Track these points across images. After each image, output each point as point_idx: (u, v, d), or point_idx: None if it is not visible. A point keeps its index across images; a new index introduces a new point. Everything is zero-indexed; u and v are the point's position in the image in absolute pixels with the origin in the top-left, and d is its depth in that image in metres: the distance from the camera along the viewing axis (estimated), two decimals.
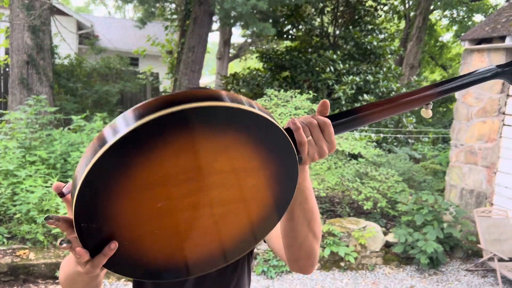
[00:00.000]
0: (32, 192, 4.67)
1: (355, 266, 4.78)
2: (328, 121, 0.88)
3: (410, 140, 10.02)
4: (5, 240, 4.20)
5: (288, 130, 0.85)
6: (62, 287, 1.02)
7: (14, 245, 4.15)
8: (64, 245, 0.71)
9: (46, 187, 4.88)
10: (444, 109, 12.92)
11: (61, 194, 0.78)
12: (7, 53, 8.59)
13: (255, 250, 4.61)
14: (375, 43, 9.55)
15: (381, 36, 10.03)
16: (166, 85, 12.32)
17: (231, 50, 19.80)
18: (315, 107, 5.71)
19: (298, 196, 0.95)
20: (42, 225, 4.40)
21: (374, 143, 7.75)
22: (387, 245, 5.02)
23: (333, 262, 4.77)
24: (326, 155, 0.90)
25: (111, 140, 0.63)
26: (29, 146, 5.86)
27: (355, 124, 0.93)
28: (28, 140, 5.96)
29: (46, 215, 0.72)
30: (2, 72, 9.56)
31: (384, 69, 9.51)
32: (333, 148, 0.90)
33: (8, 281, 3.85)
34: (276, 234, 1.18)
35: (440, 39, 17.41)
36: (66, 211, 1.06)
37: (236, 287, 1.29)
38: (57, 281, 3.89)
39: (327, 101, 0.91)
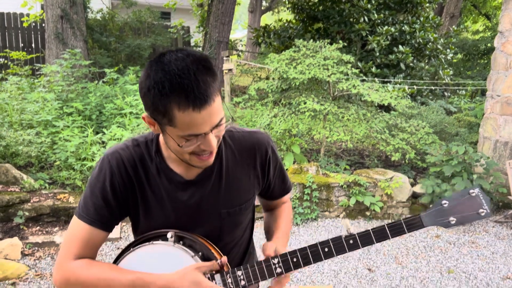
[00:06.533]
0: (70, 141, 4.91)
1: (380, 216, 4.83)
2: None
3: (446, 93, 9.70)
4: (47, 185, 4.48)
5: None
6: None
7: (55, 190, 4.44)
8: None
9: (83, 137, 5.12)
10: (485, 61, 12.31)
11: None
12: (42, 8, 8.76)
13: None
14: None
15: None
16: (197, 38, 12.29)
17: (264, 3, 19.36)
18: (345, 57, 5.60)
19: None
20: (79, 171, 4.66)
21: (408, 96, 7.57)
22: (415, 196, 5.03)
23: (359, 211, 4.84)
24: None
25: None
26: (66, 98, 6.10)
27: None
28: (65, 93, 6.20)
29: None
30: (38, 27, 9.80)
31: (422, 19, 9.10)
32: None
33: (51, 221, 4.15)
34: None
35: None
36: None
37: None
38: None
39: None
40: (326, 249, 1.15)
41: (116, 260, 1.22)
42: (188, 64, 1.01)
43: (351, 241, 1.15)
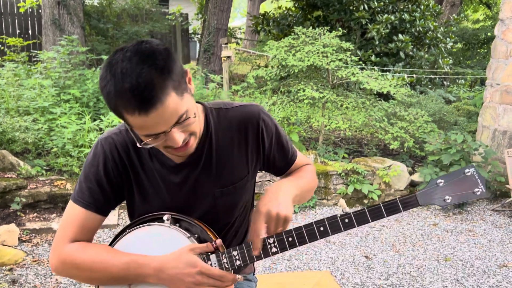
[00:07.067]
0: (67, 128, 4.88)
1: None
2: None
3: (445, 82, 9.67)
4: (44, 172, 4.46)
5: None
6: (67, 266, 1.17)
7: (52, 176, 4.42)
8: None
9: (80, 123, 5.09)
10: (485, 51, 12.26)
11: None
12: None
13: None
14: None
15: None
16: (195, 25, 12.18)
17: None
18: (345, 45, 5.56)
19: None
20: (77, 158, 4.64)
21: (407, 85, 7.54)
22: (413, 184, 5.03)
23: (357, 199, 4.84)
24: None
25: None
26: (63, 85, 6.05)
27: None
28: (62, 79, 6.14)
29: None
30: (35, 13, 9.70)
31: (422, 7, 9.03)
32: None
33: (48, 208, 4.14)
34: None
35: None
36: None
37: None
38: None
39: None
40: (322, 228, 1.14)
41: (113, 242, 1.21)
42: (133, 65, 0.95)
43: (346, 220, 1.14)
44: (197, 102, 1.26)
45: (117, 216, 4.22)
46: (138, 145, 1.08)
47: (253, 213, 1.19)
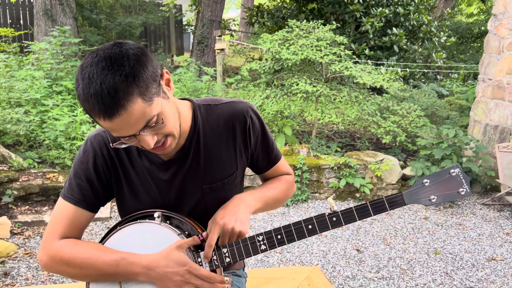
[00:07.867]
0: (59, 120, 4.85)
1: (370, 197, 4.87)
2: None
3: (439, 77, 9.70)
4: (36, 164, 4.44)
5: None
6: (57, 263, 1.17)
7: (44, 169, 4.40)
8: None
9: (73, 116, 5.06)
10: (478, 45, 12.30)
11: None
12: None
13: None
14: None
15: None
16: (189, 17, 12.10)
17: None
18: (339, 39, 5.55)
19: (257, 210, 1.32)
20: (69, 151, 4.62)
21: (401, 79, 7.56)
22: (404, 178, 5.07)
23: (349, 193, 4.87)
24: None
25: None
26: (55, 76, 6.00)
27: None
28: (54, 71, 6.10)
29: None
30: (27, 3, 9.58)
31: (416, 1, 9.02)
32: None
33: (40, 201, 4.13)
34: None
35: None
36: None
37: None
38: None
39: None
40: (310, 226, 1.16)
41: (104, 239, 1.22)
42: (99, 71, 0.96)
43: (334, 219, 1.17)
44: (185, 98, 1.27)
45: (110, 209, 4.22)
46: (111, 145, 1.09)
47: (210, 222, 1.21)
